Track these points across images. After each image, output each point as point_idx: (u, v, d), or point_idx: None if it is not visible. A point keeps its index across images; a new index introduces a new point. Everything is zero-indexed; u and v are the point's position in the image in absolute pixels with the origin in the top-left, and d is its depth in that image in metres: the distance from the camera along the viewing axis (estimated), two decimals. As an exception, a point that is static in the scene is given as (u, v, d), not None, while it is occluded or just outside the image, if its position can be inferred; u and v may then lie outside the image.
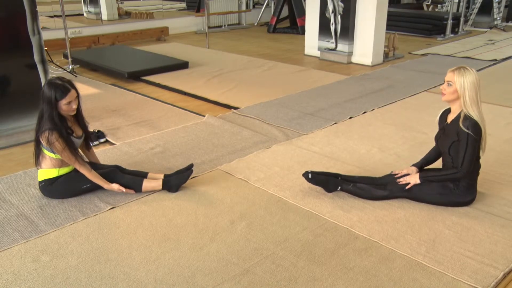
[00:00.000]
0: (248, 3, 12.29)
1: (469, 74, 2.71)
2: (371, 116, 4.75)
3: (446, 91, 2.80)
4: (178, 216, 2.89)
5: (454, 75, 2.75)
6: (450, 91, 2.77)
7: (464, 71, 2.72)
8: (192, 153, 3.85)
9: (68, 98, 2.90)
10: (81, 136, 3.15)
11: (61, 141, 2.89)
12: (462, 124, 2.73)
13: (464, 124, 2.73)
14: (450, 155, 2.86)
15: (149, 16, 10.36)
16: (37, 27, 4.24)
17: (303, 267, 2.40)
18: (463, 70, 2.73)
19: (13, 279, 2.32)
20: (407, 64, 7.18)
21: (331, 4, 7.26)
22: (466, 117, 2.74)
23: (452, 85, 2.76)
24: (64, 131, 2.93)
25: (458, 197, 2.90)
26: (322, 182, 3.10)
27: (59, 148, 2.90)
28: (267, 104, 5.13)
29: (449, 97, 2.80)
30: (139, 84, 6.17)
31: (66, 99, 2.90)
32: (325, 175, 3.11)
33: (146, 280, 2.31)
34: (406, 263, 2.42)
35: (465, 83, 2.71)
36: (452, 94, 2.77)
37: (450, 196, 2.90)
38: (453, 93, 2.77)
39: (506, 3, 11.70)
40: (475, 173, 2.90)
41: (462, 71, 2.73)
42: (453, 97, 2.79)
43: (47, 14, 8.87)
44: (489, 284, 2.26)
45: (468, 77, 2.70)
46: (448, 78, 2.79)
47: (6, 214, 2.91)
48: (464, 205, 2.94)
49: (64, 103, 2.90)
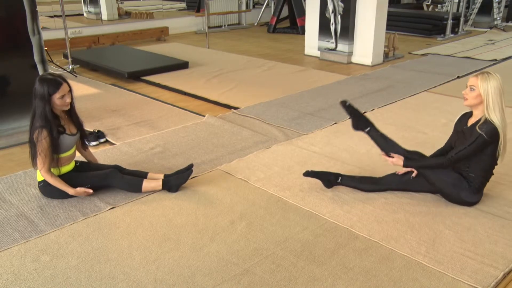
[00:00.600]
0: (248, 3, 12.28)
1: (493, 79, 2.71)
2: (371, 116, 4.74)
3: (468, 95, 2.79)
4: (178, 216, 2.89)
5: (478, 80, 2.74)
6: (473, 96, 2.76)
7: (488, 76, 2.72)
8: (192, 153, 3.85)
9: (61, 91, 2.88)
10: (76, 134, 3.12)
11: (47, 140, 2.86)
12: (478, 127, 2.73)
13: (481, 127, 2.72)
14: (467, 158, 2.85)
15: (149, 16, 10.36)
16: (37, 27, 4.24)
17: (303, 267, 2.40)
18: (486, 75, 2.73)
19: (13, 279, 2.32)
20: (407, 64, 7.18)
21: (331, 4, 7.26)
22: (486, 121, 2.73)
23: (475, 89, 2.74)
24: (55, 130, 2.90)
25: (467, 196, 2.90)
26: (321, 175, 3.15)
27: (42, 148, 2.86)
28: (267, 104, 5.13)
29: (471, 101, 2.79)
30: (139, 84, 6.17)
31: (59, 92, 2.87)
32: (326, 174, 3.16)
33: (146, 280, 2.31)
34: (406, 263, 2.42)
35: (489, 88, 2.70)
36: (475, 98, 2.76)
37: (460, 190, 2.89)
38: (476, 97, 2.75)
39: (506, 3, 11.70)
40: (489, 175, 2.90)
41: (486, 76, 2.72)
42: (476, 101, 2.77)
43: (47, 14, 8.87)
44: (489, 284, 2.26)
45: (492, 82, 2.70)
46: (470, 83, 2.78)
47: (6, 214, 2.91)
48: (467, 205, 2.94)
49: (58, 97, 2.88)
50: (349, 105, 3.10)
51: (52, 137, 2.89)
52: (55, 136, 2.91)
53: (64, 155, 3.05)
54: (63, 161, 3.05)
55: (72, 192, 3.02)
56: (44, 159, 2.90)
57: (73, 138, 3.09)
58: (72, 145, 3.10)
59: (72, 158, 3.16)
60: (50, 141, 2.88)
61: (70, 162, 3.14)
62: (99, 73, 6.70)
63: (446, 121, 4.59)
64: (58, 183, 2.99)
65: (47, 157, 2.91)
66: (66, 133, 3.02)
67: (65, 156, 3.05)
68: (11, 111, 4.21)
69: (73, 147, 3.13)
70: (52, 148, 2.91)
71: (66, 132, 3.02)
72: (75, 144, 3.15)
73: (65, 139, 3.01)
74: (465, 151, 2.76)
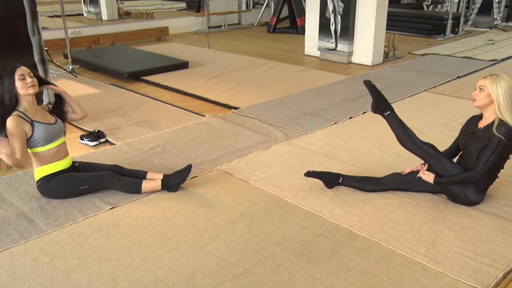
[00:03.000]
0: (248, 3, 12.28)
1: (502, 79, 2.71)
2: (371, 116, 4.75)
3: (478, 96, 2.78)
4: (178, 216, 2.89)
5: (487, 80, 2.74)
6: (483, 96, 2.75)
7: (497, 77, 2.72)
8: (192, 153, 3.85)
9: (19, 71, 2.84)
10: (55, 123, 3.02)
11: (14, 125, 2.78)
12: (496, 130, 2.70)
13: (498, 130, 2.70)
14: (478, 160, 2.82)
15: (149, 16, 10.37)
16: (37, 27, 4.24)
17: (303, 267, 2.40)
18: (495, 76, 2.73)
19: (13, 279, 2.32)
20: (407, 64, 7.18)
21: (331, 4, 7.26)
22: (501, 122, 2.71)
23: (485, 89, 2.74)
24: (26, 117, 2.84)
25: (473, 195, 2.90)
26: (323, 175, 3.14)
27: (10, 133, 2.77)
28: (267, 104, 5.13)
29: (481, 102, 2.78)
30: (139, 84, 6.17)
31: (17, 73, 2.83)
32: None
33: (146, 280, 2.31)
34: (406, 263, 2.42)
35: (499, 88, 2.69)
36: (485, 98, 2.75)
37: (467, 191, 2.88)
38: (485, 97, 2.74)
39: (506, 3, 11.70)
40: (495, 176, 2.90)
41: (495, 77, 2.72)
42: (486, 102, 2.76)
43: (47, 14, 8.87)
44: (489, 284, 2.26)
45: (502, 82, 2.70)
46: (480, 84, 2.77)
47: (6, 214, 2.91)
48: (470, 205, 2.94)
49: (18, 76, 2.82)
50: (373, 85, 3.02)
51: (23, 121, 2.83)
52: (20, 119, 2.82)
53: (49, 147, 2.97)
54: (52, 154, 2.98)
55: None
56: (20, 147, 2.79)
57: (51, 127, 2.98)
58: (54, 136, 2.98)
59: (62, 151, 3.07)
60: (19, 125, 2.80)
61: (63, 156, 3.07)
62: (99, 73, 6.70)
63: (446, 121, 4.59)
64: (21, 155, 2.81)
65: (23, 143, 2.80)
66: (40, 121, 2.92)
67: (51, 148, 2.98)
68: (11, 111, 4.21)
69: (57, 139, 3.01)
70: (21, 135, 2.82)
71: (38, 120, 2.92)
72: (60, 136, 3.05)
73: (41, 127, 2.91)
74: (491, 159, 2.72)
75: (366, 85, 3.04)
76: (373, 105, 3.05)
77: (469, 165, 2.89)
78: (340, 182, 3.15)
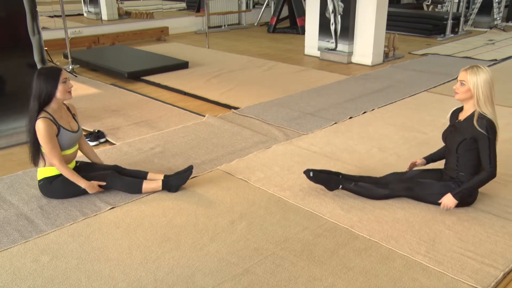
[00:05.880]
0: (248, 3, 12.29)
1: (482, 72, 2.71)
2: (371, 116, 4.75)
3: (459, 90, 2.80)
4: (178, 216, 2.89)
5: (467, 74, 2.75)
6: (463, 90, 2.77)
7: (477, 69, 2.72)
8: (192, 153, 3.84)
9: (64, 74, 2.88)
10: (77, 131, 3.08)
11: (53, 129, 2.83)
12: (477, 124, 2.72)
13: (480, 124, 2.72)
14: (457, 154, 2.85)
15: (149, 16, 10.37)
16: (37, 27, 4.24)
17: (303, 267, 2.40)
18: (476, 69, 2.72)
19: (13, 279, 2.32)
20: (407, 64, 7.18)
21: (331, 4, 7.26)
22: (480, 115, 2.73)
23: (465, 84, 2.75)
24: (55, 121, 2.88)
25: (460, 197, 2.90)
26: (323, 180, 3.10)
27: (47, 139, 2.82)
28: (267, 104, 5.13)
29: (462, 96, 2.80)
30: (139, 84, 6.17)
31: (62, 75, 2.86)
32: (326, 173, 3.12)
33: (146, 280, 2.31)
34: (406, 263, 2.42)
35: (478, 82, 2.70)
36: (465, 93, 2.77)
37: None
38: (466, 92, 2.76)
39: (506, 3, 11.70)
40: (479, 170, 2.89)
41: (475, 70, 2.72)
42: (466, 96, 2.78)
43: (47, 14, 8.88)
44: (489, 284, 2.26)
45: (481, 76, 2.70)
46: (461, 77, 2.78)
47: (6, 214, 2.91)
48: (465, 205, 2.93)
49: (61, 80, 2.85)
50: (313, 175, 3.07)
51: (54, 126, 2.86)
52: (55, 126, 2.87)
53: (66, 153, 3.02)
54: (65, 159, 3.01)
55: (86, 185, 2.99)
56: (52, 149, 2.86)
57: (74, 135, 3.04)
58: (73, 143, 3.06)
59: (73, 158, 3.14)
60: (51, 130, 2.84)
61: (72, 160, 3.12)
62: (99, 73, 6.70)
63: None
64: (71, 174, 2.96)
65: (55, 147, 2.87)
66: (65, 128, 2.98)
67: (66, 155, 3.03)
68: (11, 111, 4.21)
69: (75, 145, 3.09)
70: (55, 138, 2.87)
71: (64, 127, 2.97)
72: (77, 142, 3.12)
73: (66, 135, 2.97)
74: (492, 154, 2.75)
75: (307, 176, 3.09)
76: (326, 188, 3.11)
77: (449, 163, 2.92)
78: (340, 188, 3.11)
